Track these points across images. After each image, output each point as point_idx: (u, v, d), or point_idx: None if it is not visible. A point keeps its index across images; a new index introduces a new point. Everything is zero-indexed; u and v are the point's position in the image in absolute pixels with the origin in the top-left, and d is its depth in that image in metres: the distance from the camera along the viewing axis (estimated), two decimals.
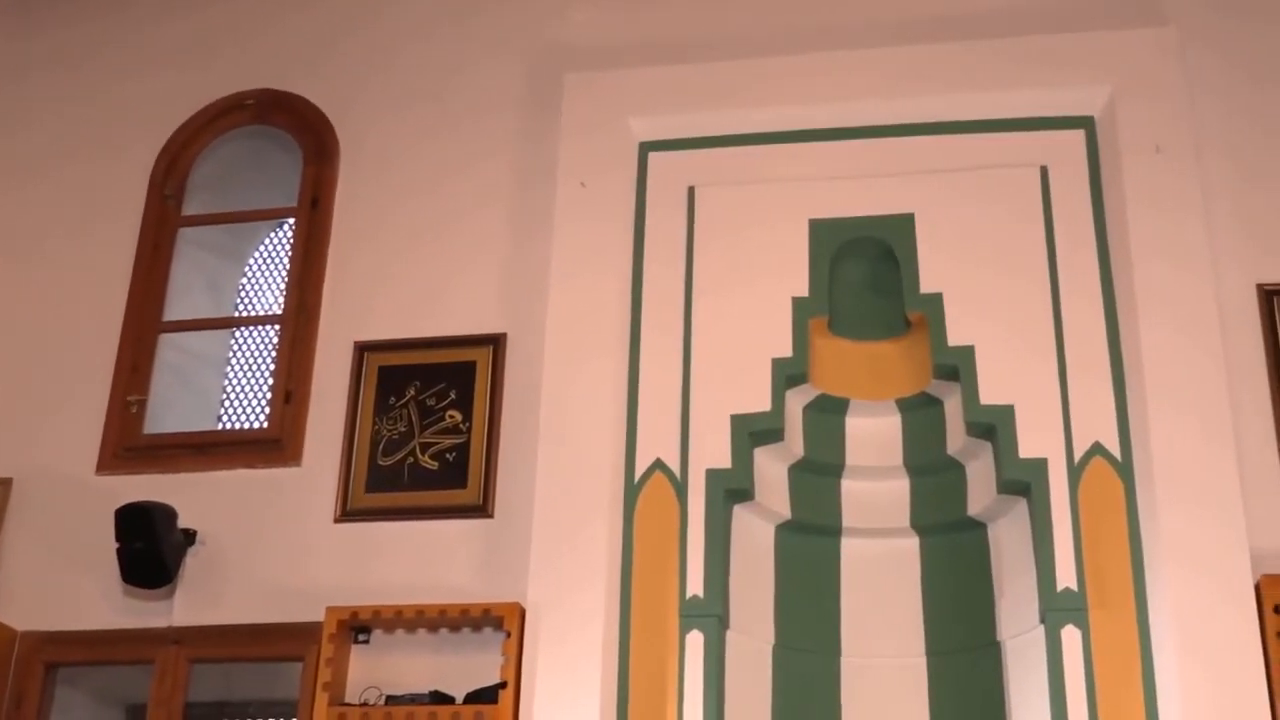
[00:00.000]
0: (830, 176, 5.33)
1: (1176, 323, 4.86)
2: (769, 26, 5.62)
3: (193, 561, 5.27)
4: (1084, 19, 5.38)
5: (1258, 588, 4.52)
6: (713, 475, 4.99)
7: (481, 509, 5.16)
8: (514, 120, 5.74)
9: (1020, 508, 4.93)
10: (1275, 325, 4.95)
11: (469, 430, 5.27)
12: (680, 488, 5.00)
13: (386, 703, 4.85)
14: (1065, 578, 4.69)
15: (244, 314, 6.28)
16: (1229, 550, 4.57)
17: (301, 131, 5.89)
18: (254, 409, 5.98)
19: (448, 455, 5.26)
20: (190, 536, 5.27)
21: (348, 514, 5.25)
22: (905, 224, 5.23)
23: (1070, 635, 4.62)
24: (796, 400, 5.17)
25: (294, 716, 5.11)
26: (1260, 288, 5.01)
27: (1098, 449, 4.84)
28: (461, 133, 5.75)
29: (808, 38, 5.54)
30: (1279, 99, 5.26)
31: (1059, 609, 4.66)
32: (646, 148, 5.50)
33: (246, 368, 6.13)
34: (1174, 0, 5.41)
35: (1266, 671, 4.41)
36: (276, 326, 5.76)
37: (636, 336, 5.22)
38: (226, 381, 6.13)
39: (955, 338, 5.05)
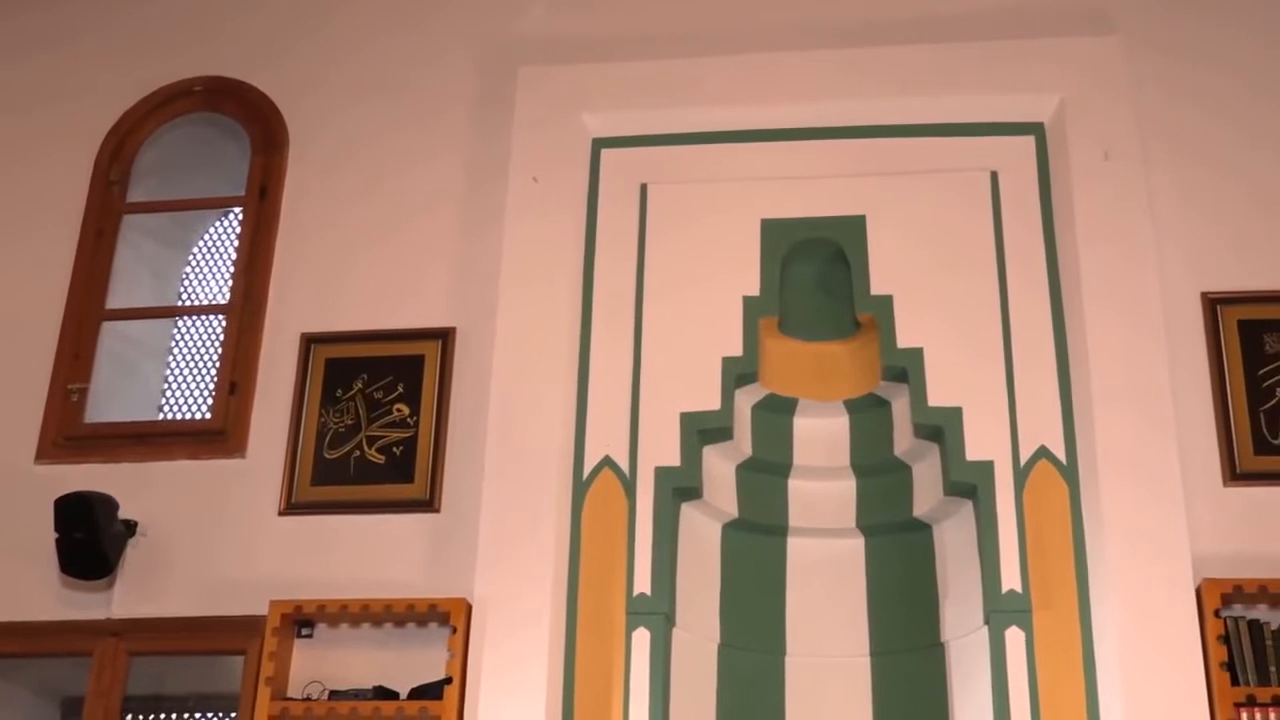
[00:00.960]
0: (783, 176, 5.34)
1: (1123, 329, 4.91)
2: (725, 25, 5.63)
3: (133, 553, 5.20)
4: (1034, 26, 5.43)
5: (1199, 591, 4.57)
6: (661, 473, 4.99)
7: (428, 504, 5.13)
8: (467, 114, 5.70)
9: (966, 509, 4.96)
10: (1219, 334, 5.01)
11: (417, 424, 5.24)
12: (629, 485, 4.99)
13: (330, 698, 4.81)
14: (1010, 580, 4.73)
15: (187, 303, 6.19)
16: (1171, 554, 4.62)
17: (250, 120, 5.83)
18: (197, 399, 5.91)
19: (395, 449, 5.22)
20: (131, 527, 5.19)
21: (293, 507, 5.20)
22: (856, 225, 5.25)
23: (1014, 637, 4.67)
24: (745, 399, 5.18)
25: (233, 711, 5.06)
26: (1205, 296, 5.07)
27: (1043, 452, 4.89)
28: (414, 126, 5.71)
29: (763, 37, 5.55)
30: (1224, 110, 5.32)
31: (1003, 610, 4.70)
32: (599, 144, 5.49)
33: (189, 358, 6.05)
34: (1123, 10, 5.47)
35: (1207, 675, 4.47)
36: (222, 317, 5.70)
37: (587, 333, 5.21)
38: (168, 371, 6.05)
39: (904, 339, 5.07)
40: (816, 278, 5.33)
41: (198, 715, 5.50)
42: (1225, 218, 5.18)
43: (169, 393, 6.00)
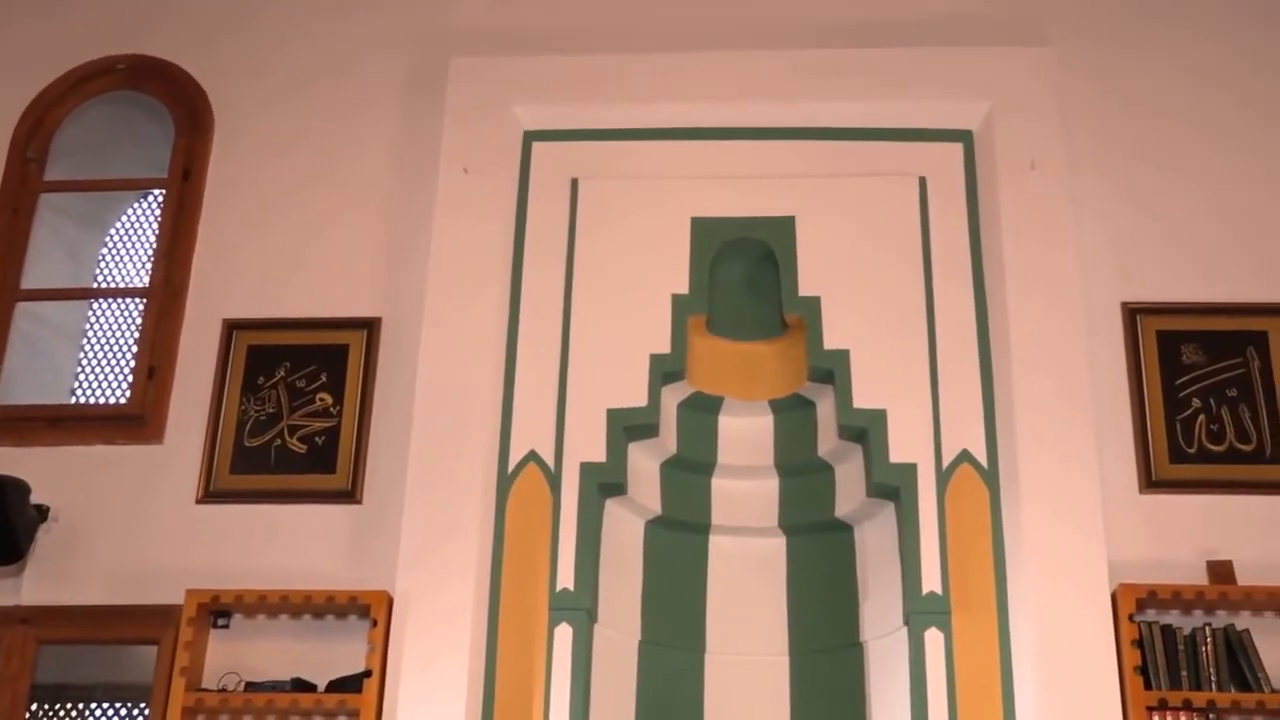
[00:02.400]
0: (714, 175, 5.35)
1: (1046, 337, 4.99)
2: (660, 21, 5.64)
3: (45, 538, 5.10)
4: (966, 35, 5.50)
5: (1114, 596, 4.66)
6: (587, 468, 4.99)
7: (350, 495, 5.08)
8: (398, 104, 5.65)
9: (887, 511, 5.01)
10: (1138, 343, 5.10)
11: (340, 414, 5.19)
12: (554, 480, 4.98)
13: (246, 689, 4.75)
14: (930, 582, 4.78)
15: (103, 285, 6.07)
16: (1088, 559, 4.70)
17: (175, 102, 5.73)
18: (113, 384, 5.79)
19: (317, 439, 5.16)
20: (43, 512, 5.09)
21: (211, 495, 5.13)
22: (786, 226, 5.28)
23: (933, 638, 4.72)
24: (672, 397, 5.19)
25: (144, 701, 4.99)
26: (1125, 306, 5.16)
27: (965, 456, 4.95)
28: (344, 113, 5.66)
29: (698, 36, 5.56)
30: (1150, 125, 5.43)
31: (923, 612, 4.75)
32: (531, 137, 5.47)
33: (104, 341, 5.93)
34: (1054, 23, 5.55)
35: (1120, 679, 4.55)
36: (141, 300, 5.59)
37: (514, 327, 5.19)
38: (82, 355, 5.93)
39: (831, 341, 5.11)
40: (745, 277, 5.35)
41: (105, 705, 5.38)
42: (1148, 230, 5.27)
43: (82, 376, 5.87)
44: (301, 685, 4.74)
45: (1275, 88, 5.45)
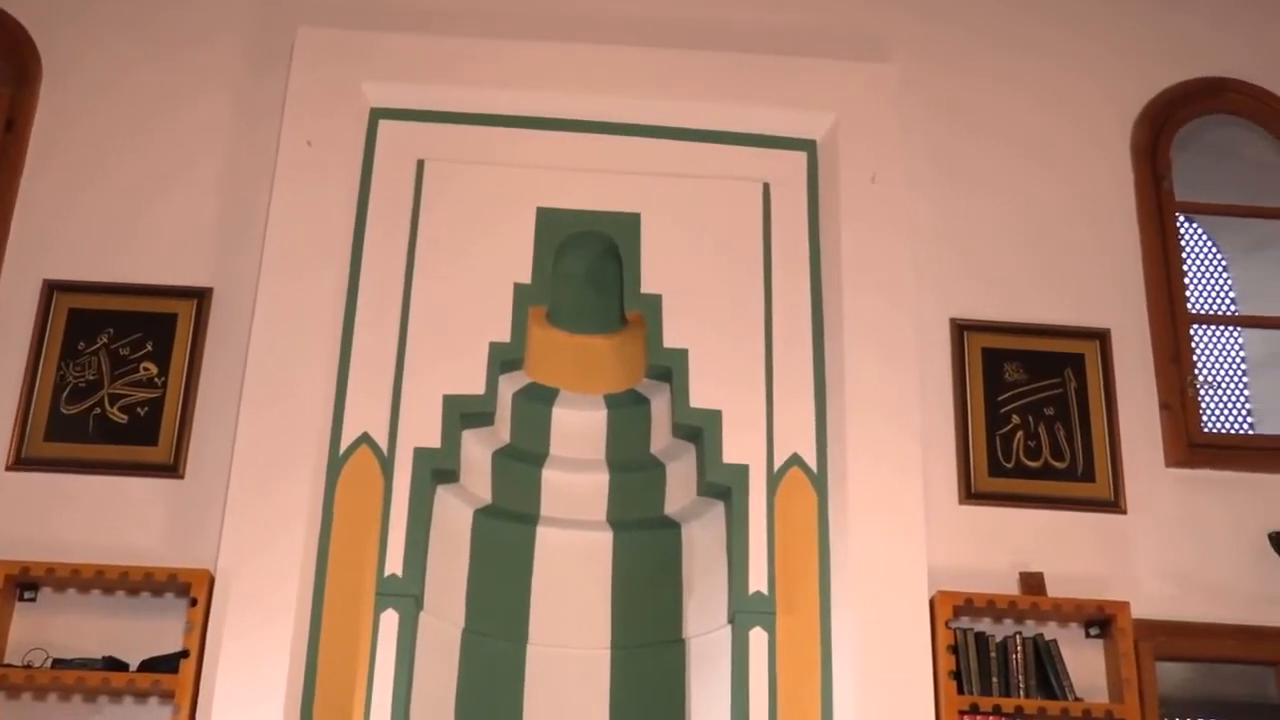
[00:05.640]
0: (563, 167, 5.34)
1: (877, 348, 5.11)
2: (517, 8, 5.59)
3: None
4: (815, 46, 5.59)
5: (932, 602, 4.80)
6: (420, 454, 4.94)
7: (172, 469, 4.92)
8: (239, 66, 5.49)
9: (715, 510, 5.07)
10: (964, 358, 5.27)
11: (164, 385, 5.02)
12: (386, 464, 4.92)
13: (54, 666, 4.56)
14: (757, 582, 4.86)
15: None
16: (909, 566, 4.83)
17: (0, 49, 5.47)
18: None
19: (139, 409, 4.99)
20: None
21: (22, 462, 4.91)
22: (632, 223, 5.30)
23: (758, 637, 4.80)
24: (507, 386, 5.17)
25: None
26: (954, 322, 5.32)
27: (796, 460, 5.04)
28: (184, 73, 5.47)
29: (554, 25, 5.54)
30: (987, 145, 5.59)
31: (749, 611, 4.82)
32: (378, 114, 5.38)
33: None
34: (899, 40, 5.69)
35: (935, 683, 4.69)
36: None
37: (352, 306, 5.10)
38: None
39: (671, 340, 5.15)
40: (588, 271, 5.36)
41: None
42: (979, 249, 5.44)
43: None
44: (114, 664, 4.57)
45: (1105, 117, 5.67)
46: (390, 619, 4.75)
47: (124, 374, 5.03)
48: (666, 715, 4.96)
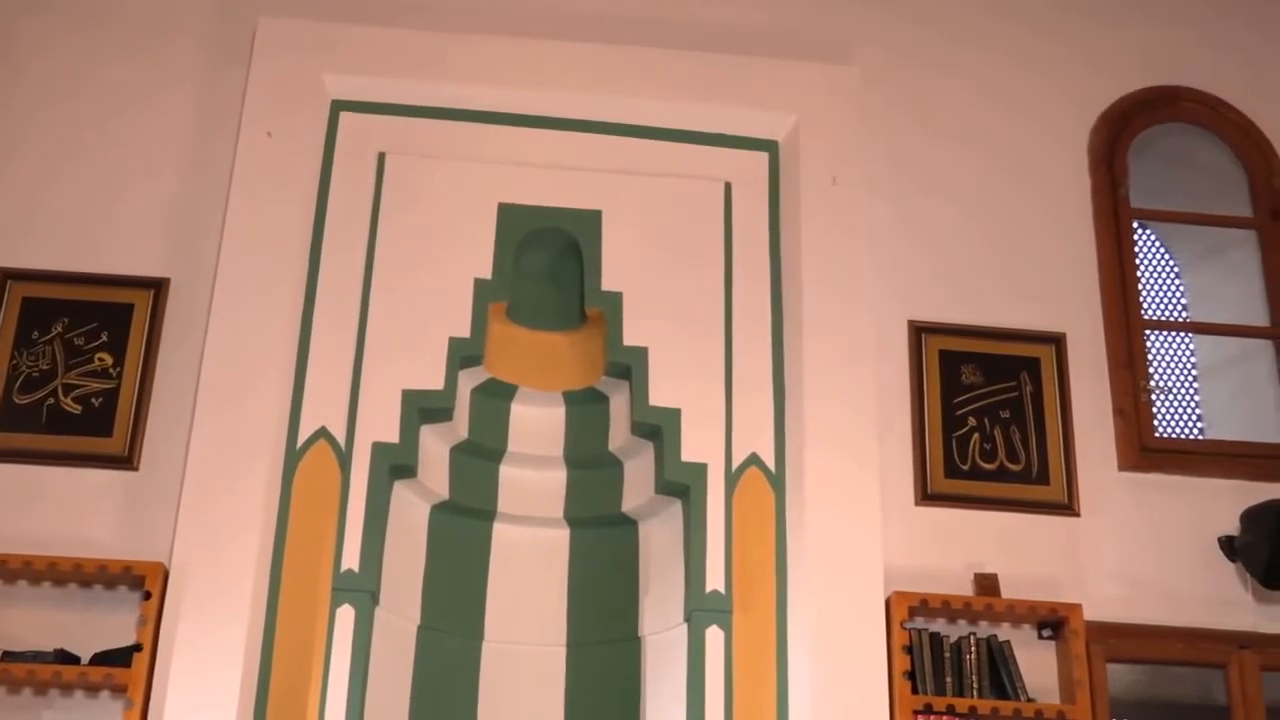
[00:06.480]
0: (524, 163, 5.33)
1: (836, 348, 5.13)
2: (480, 3, 5.56)
3: None
4: (779, 46, 5.59)
5: (888, 603, 4.83)
6: (379, 449, 4.91)
7: (127, 460, 4.87)
8: (199, 56, 5.44)
9: (673, 509, 5.07)
10: (921, 360, 5.30)
11: (120, 376, 4.97)
12: (344, 458, 4.89)
13: (4, 658, 4.49)
14: (714, 580, 4.86)
15: None
16: (865, 567, 4.85)
17: None
18: None
19: (94, 400, 4.93)
20: None
21: None
22: (593, 220, 5.29)
23: (714, 636, 4.80)
24: (466, 382, 5.15)
25: None
26: (912, 324, 5.35)
27: (754, 459, 5.05)
28: (143, 59, 5.40)
29: (516, 21, 5.52)
30: (946, 148, 5.62)
31: (706, 610, 4.83)
32: (339, 106, 5.34)
33: None
34: (861, 43, 5.70)
35: (890, 683, 4.72)
36: None
37: (311, 300, 5.06)
38: None
39: (631, 338, 5.15)
40: (548, 267, 5.34)
41: None
42: (938, 251, 5.47)
43: None
44: (65, 657, 4.51)
45: (1065, 123, 5.72)
46: (346, 614, 4.72)
47: (78, 364, 4.98)
48: (622, 713, 4.95)
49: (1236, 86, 5.86)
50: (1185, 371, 5.98)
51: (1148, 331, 5.62)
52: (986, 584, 4.96)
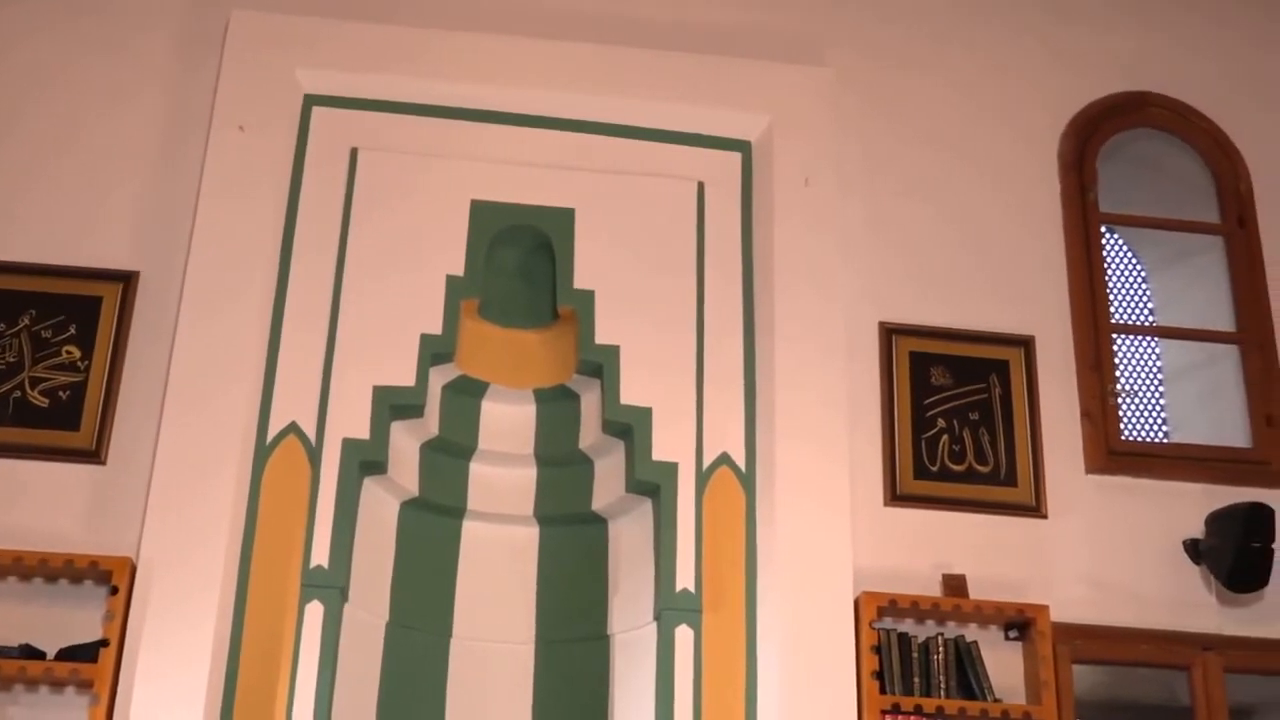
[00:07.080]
0: (498, 160, 5.32)
1: (807, 350, 5.14)
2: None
3: None
4: (752, 47, 5.61)
5: (857, 603, 4.85)
6: (349, 445, 4.90)
7: (94, 454, 4.83)
8: (173, 49, 5.41)
9: (643, 507, 5.08)
10: (892, 362, 5.32)
11: (88, 370, 4.93)
12: (314, 454, 4.87)
13: None
14: (684, 579, 4.87)
15: None
16: (835, 567, 4.87)
17: None
18: None
19: (61, 393, 4.90)
20: None
21: None
22: (566, 218, 5.29)
23: (684, 635, 4.81)
24: (437, 378, 5.14)
25: None
26: (882, 325, 5.37)
27: (725, 459, 5.06)
28: (112, 55, 5.37)
29: (489, 19, 5.51)
30: (918, 150, 5.65)
31: (675, 609, 4.83)
32: (312, 100, 5.32)
33: None
34: (834, 44, 5.73)
35: (858, 681, 4.74)
36: None
37: (282, 295, 5.04)
38: None
39: (603, 336, 5.15)
40: (521, 265, 5.34)
41: None
42: (909, 253, 5.50)
43: None
44: (30, 652, 4.47)
45: (1037, 127, 5.76)
46: (315, 610, 4.70)
47: (45, 357, 4.94)
48: (590, 711, 4.95)
49: (1205, 93, 5.92)
50: (1152, 375, 6.03)
51: (1115, 335, 5.66)
52: (954, 585, 4.99)
